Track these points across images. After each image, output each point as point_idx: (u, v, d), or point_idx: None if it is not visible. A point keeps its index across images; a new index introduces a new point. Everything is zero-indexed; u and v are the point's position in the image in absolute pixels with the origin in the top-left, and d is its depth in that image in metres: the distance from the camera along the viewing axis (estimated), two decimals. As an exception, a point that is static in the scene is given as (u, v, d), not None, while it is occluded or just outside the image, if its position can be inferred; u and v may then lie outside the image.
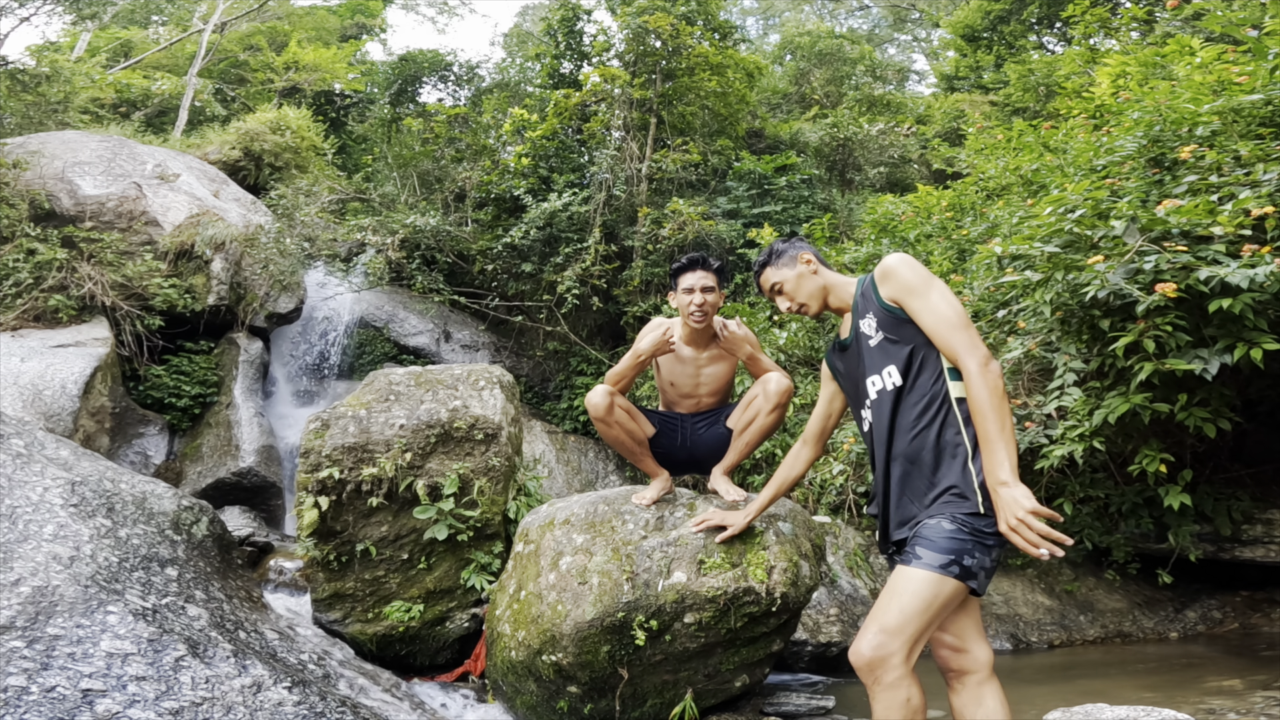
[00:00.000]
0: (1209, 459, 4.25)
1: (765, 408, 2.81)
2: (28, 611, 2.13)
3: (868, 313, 2.06)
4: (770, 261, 2.31)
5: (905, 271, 1.98)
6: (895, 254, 2.04)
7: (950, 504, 1.82)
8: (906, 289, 1.96)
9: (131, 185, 8.31)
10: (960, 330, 1.86)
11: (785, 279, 2.25)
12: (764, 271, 2.31)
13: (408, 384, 3.87)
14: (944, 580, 1.74)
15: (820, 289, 2.24)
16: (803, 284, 2.24)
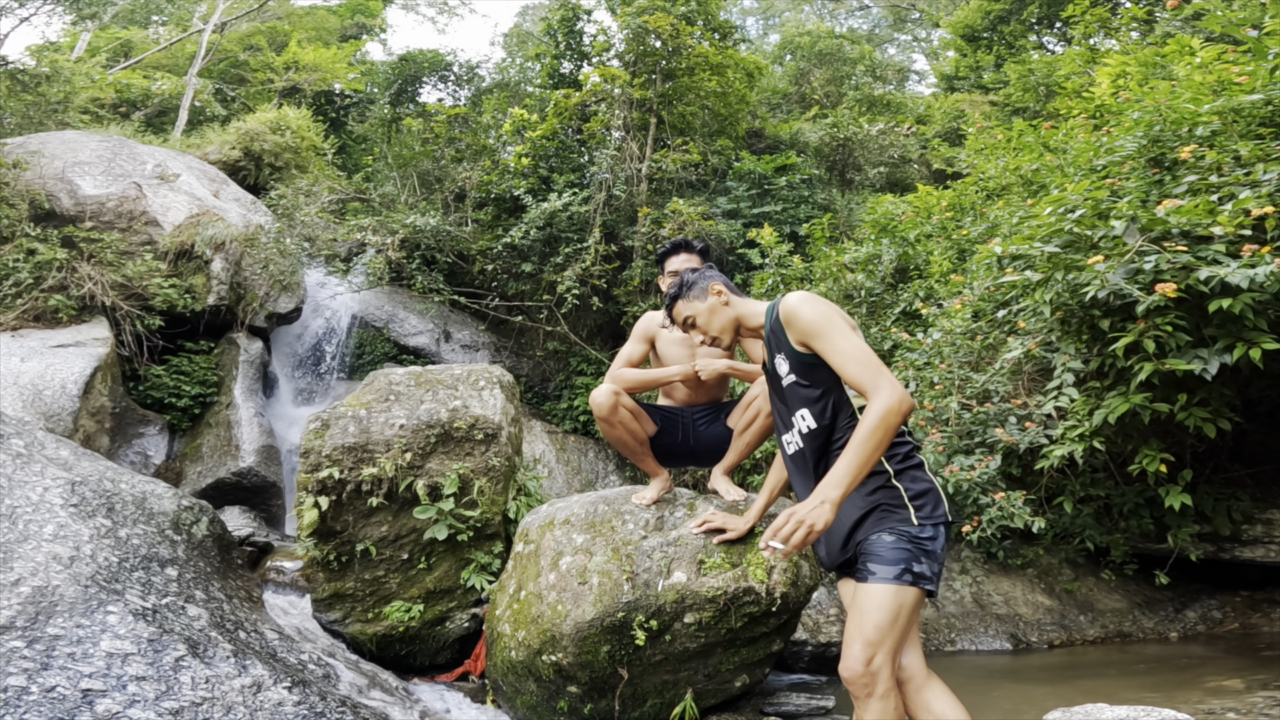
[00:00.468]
0: (1209, 459, 4.25)
1: (765, 409, 2.81)
2: (28, 611, 2.13)
3: (780, 352, 2.10)
4: (681, 294, 2.29)
5: (806, 314, 1.98)
6: (796, 294, 2.05)
7: (885, 519, 1.93)
8: (810, 333, 1.98)
9: (131, 185, 8.31)
10: (865, 369, 1.88)
11: (697, 312, 2.24)
12: (675, 304, 2.28)
13: (408, 384, 3.87)
14: (902, 589, 1.85)
15: (732, 321, 2.24)
16: (714, 317, 2.23)
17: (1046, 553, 4.66)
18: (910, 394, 1.91)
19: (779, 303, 2.09)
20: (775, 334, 2.10)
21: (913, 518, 1.91)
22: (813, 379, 2.02)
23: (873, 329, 6.09)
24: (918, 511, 1.92)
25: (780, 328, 2.07)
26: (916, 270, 6.36)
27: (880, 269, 6.34)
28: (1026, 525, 3.91)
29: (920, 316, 5.72)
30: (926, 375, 4.72)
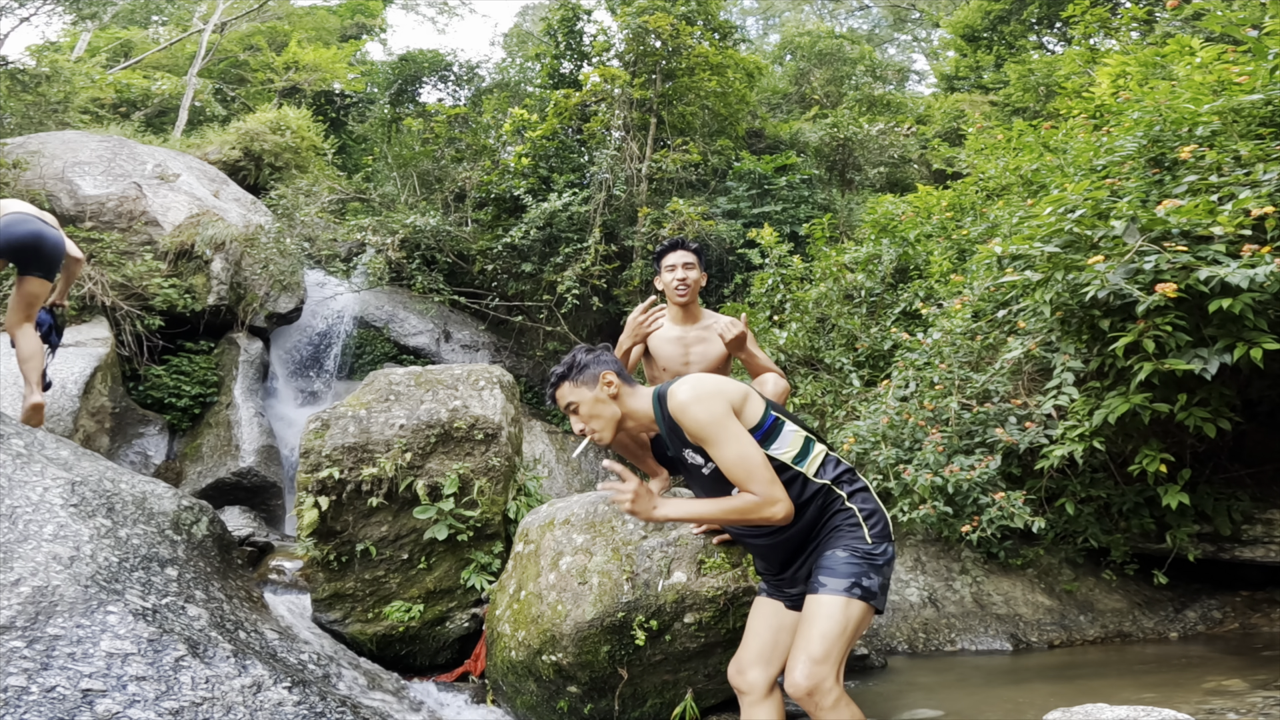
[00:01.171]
0: (1209, 459, 4.25)
1: None
2: (28, 611, 2.13)
3: (687, 447, 2.09)
4: (569, 376, 2.16)
5: (694, 416, 1.97)
6: (682, 391, 2.01)
7: (842, 536, 2.01)
8: (699, 437, 1.99)
9: (131, 185, 8.31)
10: (751, 481, 1.93)
11: (581, 400, 2.13)
12: (560, 385, 2.17)
13: (408, 384, 3.87)
14: (850, 602, 1.91)
15: (615, 418, 2.14)
16: (598, 409, 2.13)
17: (1046, 553, 4.66)
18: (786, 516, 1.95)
19: (666, 398, 2.05)
20: (675, 432, 2.08)
21: (866, 535, 1.99)
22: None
23: (873, 329, 6.10)
24: (871, 530, 2.00)
25: (677, 425, 2.04)
26: (916, 270, 6.36)
27: (880, 269, 6.34)
28: (1026, 525, 3.92)
29: (920, 316, 5.73)
30: (926, 375, 4.72)
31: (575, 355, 2.18)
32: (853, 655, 3.86)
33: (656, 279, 3.19)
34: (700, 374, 2.10)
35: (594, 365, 2.15)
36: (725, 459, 1.94)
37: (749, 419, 2.03)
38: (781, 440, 2.06)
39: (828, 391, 5.95)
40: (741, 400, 2.04)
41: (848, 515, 2.02)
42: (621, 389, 2.15)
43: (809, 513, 2.05)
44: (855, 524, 2.01)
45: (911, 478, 4.22)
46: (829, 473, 2.08)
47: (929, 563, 4.81)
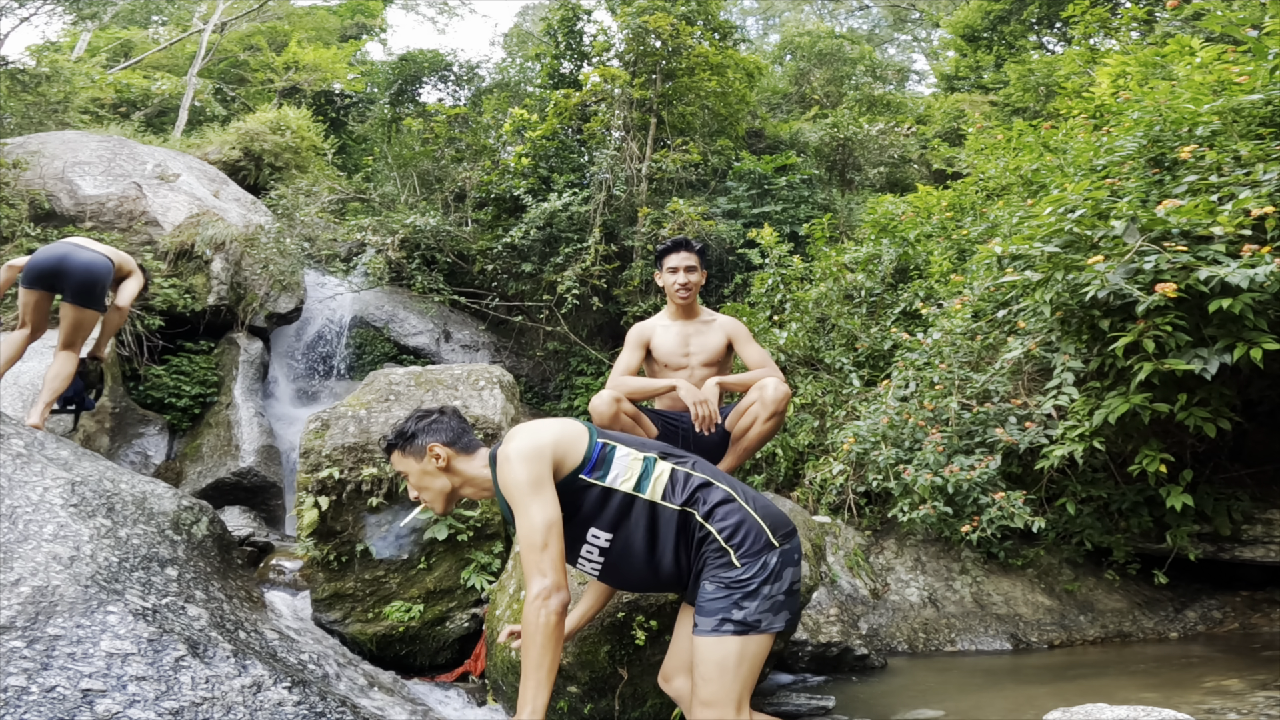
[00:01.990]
0: (1209, 459, 4.25)
1: (762, 415, 2.80)
2: (28, 611, 2.13)
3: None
4: (397, 444, 2.08)
5: (501, 479, 1.89)
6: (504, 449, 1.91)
7: (709, 565, 1.89)
8: (507, 496, 1.88)
9: (131, 185, 8.31)
10: (525, 552, 1.80)
11: (409, 470, 2.05)
12: (391, 454, 2.09)
13: (408, 384, 3.88)
14: (722, 640, 1.81)
15: (444, 490, 2.04)
16: (425, 480, 2.04)
17: (1046, 553, 4.66)
18: (562, 589, 1.79)
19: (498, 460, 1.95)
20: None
21: (733, 559, 1.85)
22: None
23: (873, 329, 6.09)
24: (736, 551, 1.86)
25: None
26: (916, 270, 6.36)
27: (880, 269, 6.34)
28: (1026, 525, 3.92)
29: (920, 316, 5.73)
30: (926, 375, 4.72)
31: (406, 423, 2.07)
32: (852, 655, 3.87)
33: (657, 276, 3.19)
34: (523, 427, 1.97)
35: (422, 435, 2.04)
36: (519, 526, 1.83)
37: (573, 459, 1.92)
38: (616, 468, 1.94)
39: (828, 391, 5.96)
40: (564, 443, 1.93)
41: (710, 541, 1.88)
42: (454, 458, 2.03)
43: (668, 541, 1.92)
44: (719, 550, 1.87)
45: (911, 478, 4.22)
46: (678, 494, 1.92)
47: (929, 563, 4.81)
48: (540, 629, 1.75)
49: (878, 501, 5.21)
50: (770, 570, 1.85)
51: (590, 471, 1.93)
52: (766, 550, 1.87)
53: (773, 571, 1.86)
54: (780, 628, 1.87)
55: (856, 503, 5.26)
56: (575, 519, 1.93)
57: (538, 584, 1.76)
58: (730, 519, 1.89)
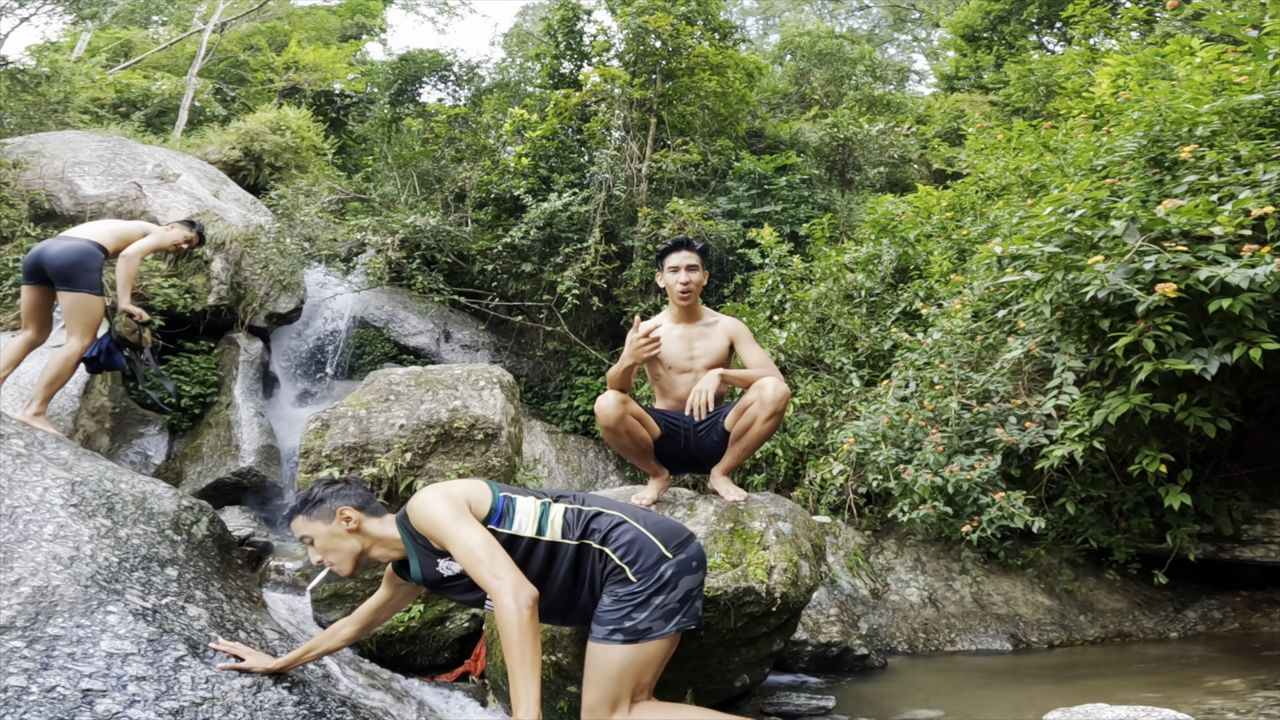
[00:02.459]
0: (1209, 459, 4.25)
1: (761, 415, 2.80)
2: (28, 611, 2.13)
3: (444, 557, 2.06)
4: (302, 510, 2.15)
5: (426, 520, 2.01)
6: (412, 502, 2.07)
7: (608, 583, 2.04)
8: (436, 540, 2.01)
9: (131, 185, 8.31)
10: (476, 566, 1.91)
11: (316, 534, 2.12)
12: (294, 519, 2.15)
13: (408, 384, 3.88)
14: (611, 647, 1.96)
15: (354, 553, 2.13)
16: (334, 543, 2.12)
17: (1047, 553, 4.66)
18: (524, 583, 1.89)
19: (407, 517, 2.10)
20: (425, 548, 2.09)
21: (629, 575, 2.00)
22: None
23: (873, 329, 6.09)
24: (632, 568, 2.00)
25: (424, 539, 2.07)
26: (916, 270, 6.36)
27: (880, 269, 6.34)
28: (1027, 525, 3.92)
29: (920, 316, 5.73)
30: (926, 375, 4.72)
31: (312, 489, 2.16)
32: (852, 655, 3.87)
33: (658, 276, 3.17)
34: (442, 484, 2.10)
35: (331, 500, 2.13)
36: (457, 553, 1.95)
37: (480, 511, 2.05)
38: (519, 517, 2.08)
39: (828, 391, 5.96)
40: (473, 497, 2.07)
41: (608, 563, 2.04)
42: (364, 521, 2.13)
43: (566, 574, 2.07)
44: (616, 569, 2.02)
45: (911, 478, 4.22)
46: (575, 530, 2.08)
47: (929, 563, 4.81)
48: (517, 625, 1.82)
49: (878, 501, 5.21)
50: (664, 580, 1.99)
51: (497, 522, 2.06)
52: (660, 562, 2.01)
53: (667, 581, 2.00)
54: (673, 631, 2.00)
55: (856, 503, 5.26)
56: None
57: (501, 586, 1.86)
58: (624, 539, 2.04)
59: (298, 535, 2.14)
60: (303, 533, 2.13)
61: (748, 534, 2.77)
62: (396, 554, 2.17)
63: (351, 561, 2.14)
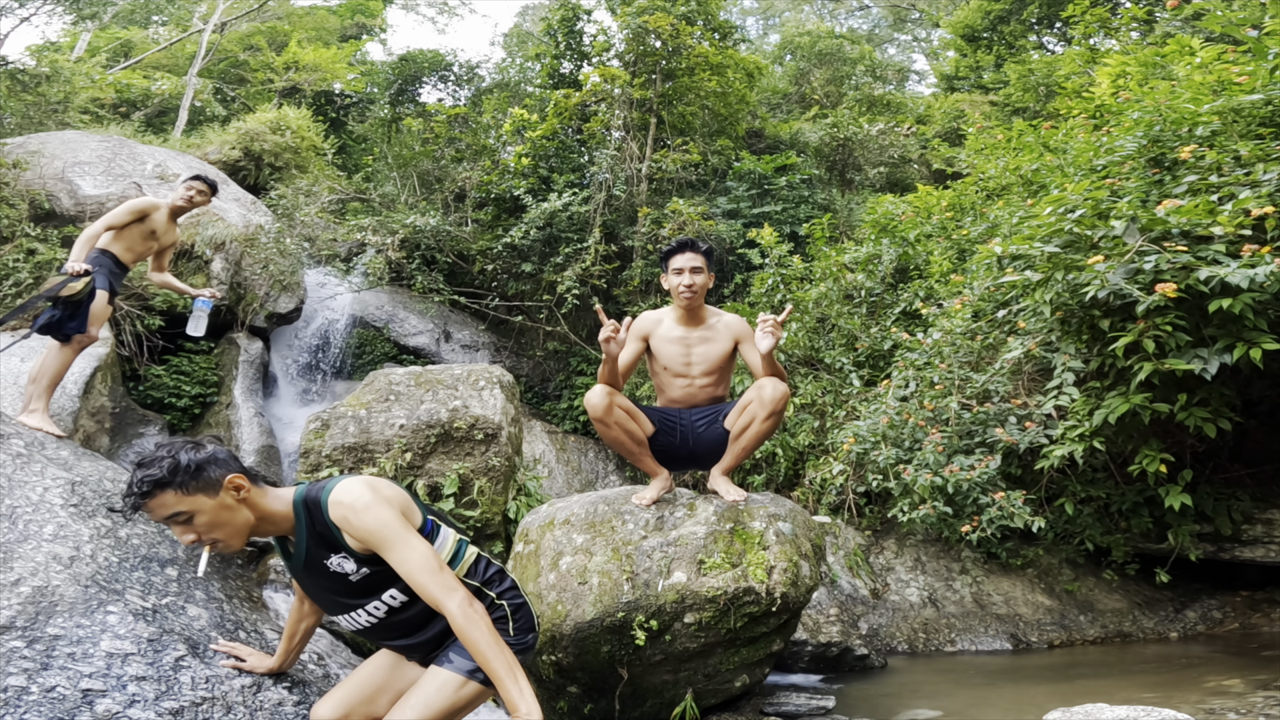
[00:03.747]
0: (1209, 459, 4.25)
1: (760, 414, 2.80)
2: (28, 611, 2.13)
3: (336, 552, 1.93)
4: (173, 483, 1.77)
5: (365, 526, 1.87)
6: (345, 494, 1.89)
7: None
8: (373, 543, 1.88)
9: (131, 185, 8.31)
10: (429, 577, 1.85)
11: (199, 508, 1.80)
12: (156, 495, 1.76)
13: (408, 384, 3.88)
14: (467, 683, 1.94)
15: (247, 525, 1.88)
16: (224, 516, 1.84)
17: (1046, 553, 4.66)
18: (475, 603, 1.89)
19: (321, 500, 1.91)
20: (324, 538, 1.92)
21: (510, 629, 2.06)
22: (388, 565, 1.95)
23: (873, 329, 6.09)
24: (515, 625, 2.08)
25: (332, 529, 1.90)
26: (916, 270, 6.36)
27: (880, 269, 6.34)
28: (1026, 525, 3.92)
29: (920, 316, 5.73)
30: (926, 375, 4.72)
31: (177, 457, 1.80)
32: (852, 655, 3.87)
33: (662, 278, 3.12)
34: (358, 479, 1.97)
35: (211, 468, 1.83)
36: (407, 562, 1.86)
37: (413, 522, 1.98)
38: (440, 543, 2.05)
39: (828, 391, 5.96)
40: (405, 506, 1.98)
41: (496, 612, 2.06)
42: (251, 491, 1.90)
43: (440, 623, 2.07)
44: (503, 618, 2.06)
45: (911, 478, 4.22)
46: (479, 575, 2.10)
47: (929, 563, 4.81)
48: (486, 629, 1.85)
49: (878, 501, 5.21)
50: (527, 647, 2.10)
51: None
52: (531, 632, 2.13)
53: (528, 648, 2.10)
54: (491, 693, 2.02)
55: (856, 503, 5.26)
56: (386, 577, 1.95)
57: (457, 597, 1.85)
58: (517, 600, 2.13)
59: (161, 514, 1.78)
60: (175, 509, 1.78)
61: (748, 534, 2.77)
62: (276, 532, 1.96)
63: (243, 537, 1.89)
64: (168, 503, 1.78)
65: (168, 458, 1.80)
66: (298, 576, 2.07)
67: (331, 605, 2.04)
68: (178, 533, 1.82)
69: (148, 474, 1.77)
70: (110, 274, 3.74)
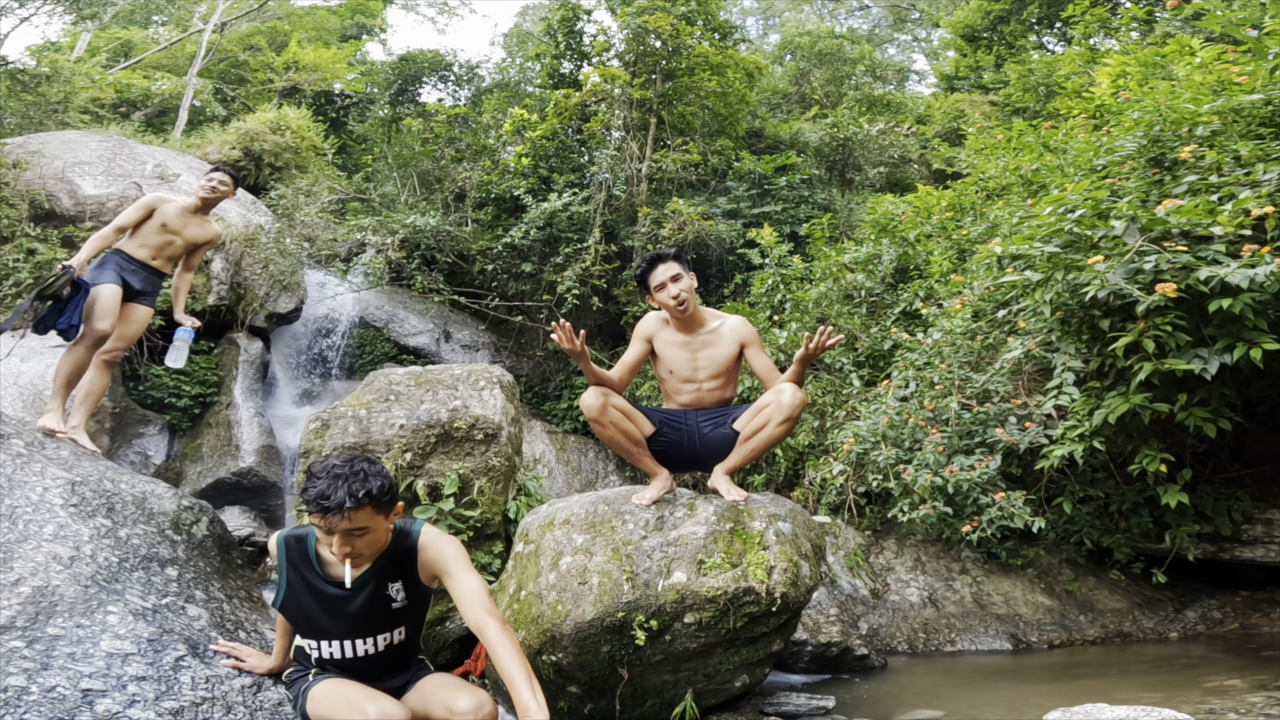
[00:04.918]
0: (1209, 459, 4.25)
1: (777, 418, 2.80)
2: (28, 611, 2.13)
3: (397, 580, 2.10)
4: (377, 499, 1.93)
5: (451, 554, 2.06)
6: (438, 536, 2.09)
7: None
8: (444, 567, 2.05)
9: (131, 185, 8.31)
10: (485, 597, 1.99)
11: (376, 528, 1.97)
12: (362, 509, 1.90)
13: (408, 384, 3.88)
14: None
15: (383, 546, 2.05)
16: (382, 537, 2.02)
17: (1046, 553, 4.66)
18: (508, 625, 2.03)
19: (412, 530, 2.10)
20: (399, 564, 2.09)
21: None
22: (423, 606, 2.19)
23: (873, 329, 6.09)
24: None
25: (408, 558, 2.09)
26: (916, 270, 6.36)
27: (880, 269, 6.34)
28: (1026, 525, 3.92)
29: (920, 316, 5.73)
30: (926, 375, 4.72)
31: (387, 478, 1.97)
32: (852, 655, 3.87)
33: (648, 299, 3.05)
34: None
35: (394, 493, 2.03)
36: (466, 588, 2.00)
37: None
38: None
39: (828, 391, 5.96)
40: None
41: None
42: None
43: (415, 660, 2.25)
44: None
45: (911, 478, 4.22)
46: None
47: (929, 563, 4.81)
48: (516, 639, 1.94)
49: (878, 501, 5.21)
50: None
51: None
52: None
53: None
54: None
55: (856, 503, 5.26)
56: (408, 616, 2.16)
57: (498, 616, 1.96)
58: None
59: (349, 526, 1.89)
60: (363, 525, 1.91)
61: (748, 534, 2.77)
62: (377, 553, 2.06)
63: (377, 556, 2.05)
64: (363, 518, 1.90)
65: (379, 477, 1.93)
66: (321, 599, 2.10)
67: (348, 629, 2.09)
68: (341, 543, 1.90)
69: (364, 487, 1.88)
70: (120, 269, 3.68)
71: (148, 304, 3.82)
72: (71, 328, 3.47)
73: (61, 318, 3.48)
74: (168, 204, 3.87)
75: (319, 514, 1.89)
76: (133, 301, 3.73)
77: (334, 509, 1.86)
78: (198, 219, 3.95)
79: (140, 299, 3.76)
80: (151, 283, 3.84)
